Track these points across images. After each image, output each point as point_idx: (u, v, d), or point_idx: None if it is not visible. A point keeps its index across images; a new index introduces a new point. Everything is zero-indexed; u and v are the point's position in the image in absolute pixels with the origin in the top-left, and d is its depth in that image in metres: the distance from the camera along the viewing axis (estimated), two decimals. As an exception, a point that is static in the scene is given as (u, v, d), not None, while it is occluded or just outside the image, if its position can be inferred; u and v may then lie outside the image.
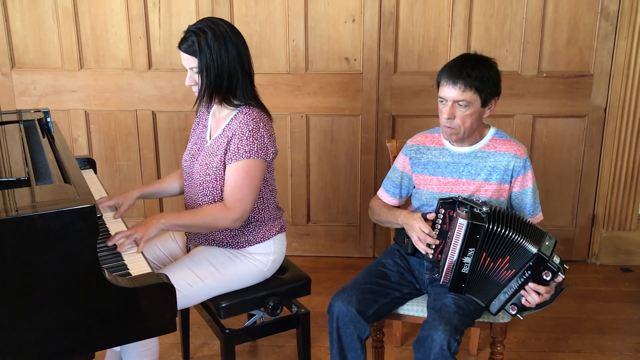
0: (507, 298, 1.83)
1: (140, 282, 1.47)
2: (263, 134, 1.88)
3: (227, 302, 1.95)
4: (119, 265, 1.64)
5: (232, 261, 1.98)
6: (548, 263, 1.76)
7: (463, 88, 1.86)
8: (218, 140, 1.95)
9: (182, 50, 1.87)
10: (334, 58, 3.09)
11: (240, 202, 1.86)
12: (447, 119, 1.91)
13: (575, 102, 3.07)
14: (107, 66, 3.19)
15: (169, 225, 1.84)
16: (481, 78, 1.87)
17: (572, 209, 3.24)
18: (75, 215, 1.33)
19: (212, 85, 1.87)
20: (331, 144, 3.22)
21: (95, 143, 3.31)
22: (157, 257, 2.10)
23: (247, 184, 1.87)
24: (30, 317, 1.34)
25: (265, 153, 1.89)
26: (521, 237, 1.79)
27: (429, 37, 3.03)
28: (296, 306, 2.13)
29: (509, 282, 1.82)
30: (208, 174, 1.93)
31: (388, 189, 2.19)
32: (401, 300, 2.02)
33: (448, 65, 1.92)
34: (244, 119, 1.89)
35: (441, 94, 1.92)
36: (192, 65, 1.87)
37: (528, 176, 1.98)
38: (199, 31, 1.84)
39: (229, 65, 1.86)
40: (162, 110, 3.23)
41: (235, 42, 1.88)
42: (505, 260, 1.81)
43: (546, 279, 1.77)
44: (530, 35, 2.99)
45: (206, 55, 1.83)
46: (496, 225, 1.80)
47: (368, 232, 3.34)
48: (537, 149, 3.15)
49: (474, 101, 1.89)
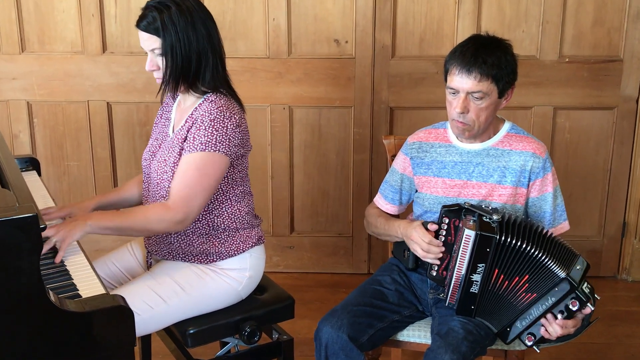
0: (525, 326, 1.83)
1: (92, 305, 1.45)
2: (227, 125, 1.87)
3: (195, 328, 1.93)
4: (66, 285, 1.62)
5: (201, 278, 1.97)
6: (577, 291, 1.76)
7: (479, 77, 1.87)
8: (179, 133, 1.94)
9: (141, 29, 1.86)
10: (322, 40, 3.09)
11: (185, 202, 1.84)
12: (460, 113, 1.91)
13: (603, 92, 3.09)
14: (54, 49, 3.16)
15: (97, 227, 1.81)
16: (499, 65, 1.88)
17: (600, 216, 3.27)
18: (13, 226, 1.31)
19: (179, 69, 1.87)
20: (319, 141, 3.22)
21: (40, 140, 3.28)
22: (112, 275, 2.08)
23: (197, 182, 1.85)
24: (-41, 348, 1.32)
25: (227, 146, 1.87)
26: (544, 254, 1.79)
27: (432, 16, 3.04)
28: (277, 332, 2.12)
29: (528, 307, 1.82)
30: (166, 171, 1.92)
31: (386, 195, 2.19)
32: (401, 325, 2.02)
33: (459, 50, 1.92)
34: (208, 106, 1.89)
35: (452, 85, 1.92)
36: (154, 47, 1.86)
37: (548, 179, 1.99)
38: (161, 6, 1.84)
39: (197, 44, 1.86)
40: (118, 101, 3.21)
41: (203, 18, 1.88)
42: (524, 280, 1.82)
43: (572, 309, 1.77)
44: (550, 15, 3.01)
45: (171, 33, 1.83)
46: (510, 236, 1.81)
47: (362, 244, 3.34)
48: (558, 146, 3.17)
49: (490, 92, 1.89)
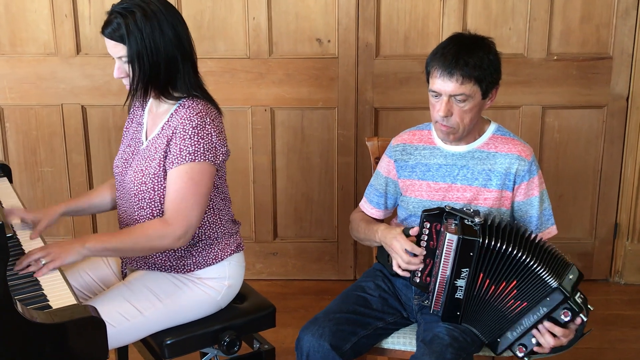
0: (516, 337, 1.84)
1: (62, 316, 1.46)
2: (210, 131, 1.88)
3: (172, 339, 1.93)
4: (36, 296, 1.62)
5: (178, 288, 1.97)
6: (569, 301, 1.77)
7: (461, 80, 1.88)
8: (156, 141, 1.94)
9: (106, 36, 1.86)
10: (304, 39, 3.10)
11: (184, 216, 1.85)
12: (443, 117, 1.92)
13: (592, 90, 3.12)
14: (26, 51, 3.15)
15: (96, 250, 1.82)
16: (481, 66, 1.89)
17: (591, 217, 3.29)
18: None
19: (147, 76, 1.87)
20: (302, 144, 3.23)
21: (12, 145, 3.27)
22: (86, 285, 2.08)
23: (192, 193, 1.86)
24: None
25: (214, 155, 1.88)
26: (535, 261, 1.79)
27: (417, 13, 3.06)
28: (258, 341, 2.12)
29: (519, 317, 1.83)
30: (144, 182, 1.92)
31: (371, 199, 2.20)
32: (385, 332, 2.03)
33: (440, 52, 1.92)
34: (186, 113, 1.89)
35: (434, 88, 1.93)
36: (120, 54, 1.86)
37: (534, 183, 2.00)
38: (125, 11, 1.84)
39: (165, 50, 1.86)
40: (93, 104, 3.20)
41: (171, 21, 1.87)
42: (512, 286, 1.82)
43: (564, 319, 1.78)
44: (537, 11, 3.03)
45: (136, 40, 1.83)
46: (494, 239, 1.82)
47: (348, 250, 3.34)
48: (547, 146, 3.19)
49: (473, 94, 1.90)
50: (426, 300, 1.94)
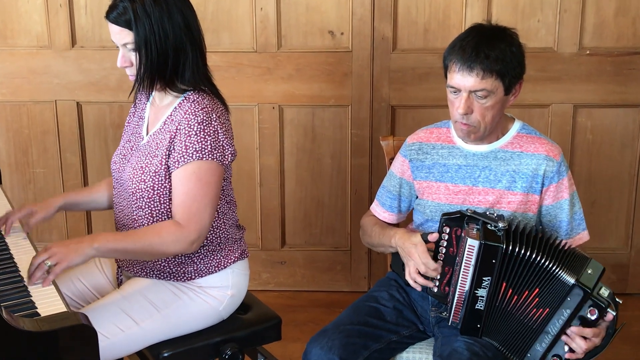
0: (546, 348, 1.83)
1: (50, 324, 1.46)
2: (217, 128, 1.88)
3: (170, 351, 1.94)
4: (24, 303, 1.63)
5: (178, 298, 1.97)
6: (592, 297, 1.77)
7: (482, 74, 1.87)
8: (157, 137, 1.95)
9: (111, 20, 1.87)
10: (315, 32, 3.11)
11: (197, 219, 1.85)
12: (463, 114, 1.92)
13: (628, 88, 3.10)
14: (17, 44, 3.18)
15: (105, 250, 1.81)
16: (503, 59, 1.88)
17: (626, 225, 3.27)
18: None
19: (154, 65, 1.87)
20: (312, 144, 3.23)
21: (2, 145, 3.29)
22: (78, 293, 2.09)
23: (203, 194, 1.86)
24: None
25: (222, 154, 1.89)
26: (553, 262, 1.80)
27: (437, 3, 3.06)
28: (263, 355, 2.13)
29: (543, 324, 1.82)
30: (143, 180, 1.93)
31: (383, 202, 2.20)
32: (400, 346, 2.02)
33: (458, 44, 1.92)
34: (190, 107, 1.89)
35: (452, 83, 1.93)
36: (126, 41, 1.87)
37: (564, 184, 2.00)
38: None
39: (174, 37, 1.87)
40: (89, 100, 3.22)
41: (180, 6, 1.88)
42: (534, 294, 1.82)
43: (591, 317, 1.77)
44: (568, 3, 3.02)
45: (145, 25, 1.84)
46: (518, 246, 1.81)
47: (361, 259, 3.34)
48: (579, 147, 3.18)
49: (495, 89, 1.90)
50: (444, 312, 1.94)
